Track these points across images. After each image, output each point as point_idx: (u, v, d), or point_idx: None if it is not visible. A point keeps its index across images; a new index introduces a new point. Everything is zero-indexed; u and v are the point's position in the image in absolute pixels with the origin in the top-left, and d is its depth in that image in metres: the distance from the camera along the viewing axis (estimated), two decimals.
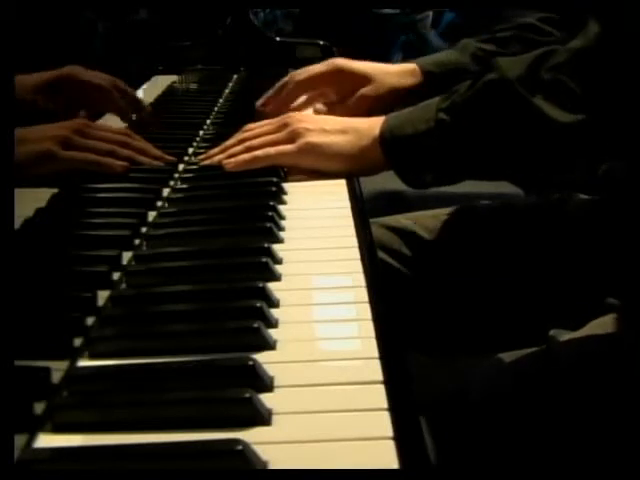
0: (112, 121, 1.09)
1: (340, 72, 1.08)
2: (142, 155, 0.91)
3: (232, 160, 0.89)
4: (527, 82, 0.78)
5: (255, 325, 0.54)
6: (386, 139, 0.86)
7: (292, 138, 0.89)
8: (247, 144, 0.91)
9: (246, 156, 0.89)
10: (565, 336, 0.87)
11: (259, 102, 1.11)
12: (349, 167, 0.89)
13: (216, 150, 0.94)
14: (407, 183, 0.87)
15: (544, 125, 0.77)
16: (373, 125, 0.88)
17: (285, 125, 0.91)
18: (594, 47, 0.77)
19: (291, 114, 0.95)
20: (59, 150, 0.85)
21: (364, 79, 1.07)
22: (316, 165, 0.90)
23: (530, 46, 1.07)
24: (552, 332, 0.88)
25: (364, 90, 1.06)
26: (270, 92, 1.11)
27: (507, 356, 0.88)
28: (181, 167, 0.93)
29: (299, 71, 1.12)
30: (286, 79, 1.10)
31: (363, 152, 0.88)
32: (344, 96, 1.09)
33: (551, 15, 1.10)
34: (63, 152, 0.85)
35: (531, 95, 0.78)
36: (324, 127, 0.90)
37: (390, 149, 0.86)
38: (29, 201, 0.77)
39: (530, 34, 1.09)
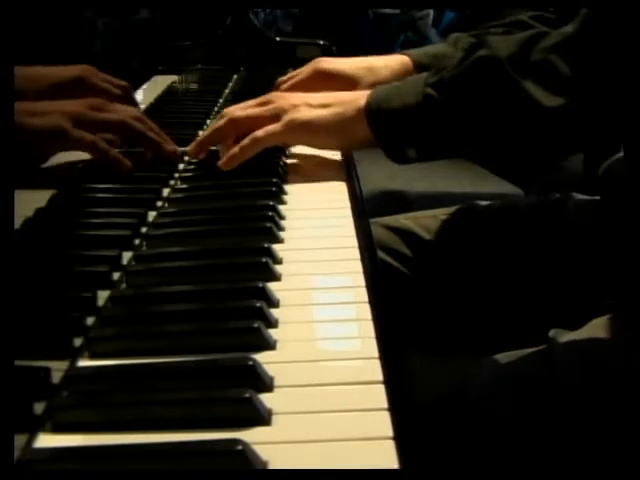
0: None
1: (325, 75, 1.06)
2: (153, 135, 0.90)
3: (225, 160, 0.88)
4: (517, 62, 0.78)
5: (255, 325, 0.54)
6: (372, 111, 0.85)
7: (277, 115, 0.88)
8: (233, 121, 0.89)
9: (235, 151, 0.87)
10: (565, 336, 0.87)
11: None
12: (336, 141, 0.89)
13: (205, 135, 0.93)
14: (390, 157, 0.86)
15: (530, 107, 0.77)
16: (358, 97, 0.87)
17: (268, 102, 0.90)
18: (585, 30, 0.77)
19: (274, 93, 0.94)
20: (70, 128, 0.83)
21: (351, 79, 1.05)
22: (304, 141, 0.90)
23: None
24: (552, 332, 0.88)
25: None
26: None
27: (507, 356, 0.88)
28: (181, 167, 0.93)
29: (284, 78, 1.10)
30: (274, 89, 1.08)
31: (349, 124, 0.87)
32: None
33: (543, 13, 1.09)
34: (74, 131, 0.83)
35: (520, 76, 0.77)
36: (309, 102, 0.89)
37: (375, 121, 0.85)
38: (29, 201, 0.77)
39: (519, 30, 1.08)
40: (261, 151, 0.88)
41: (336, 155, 0.94)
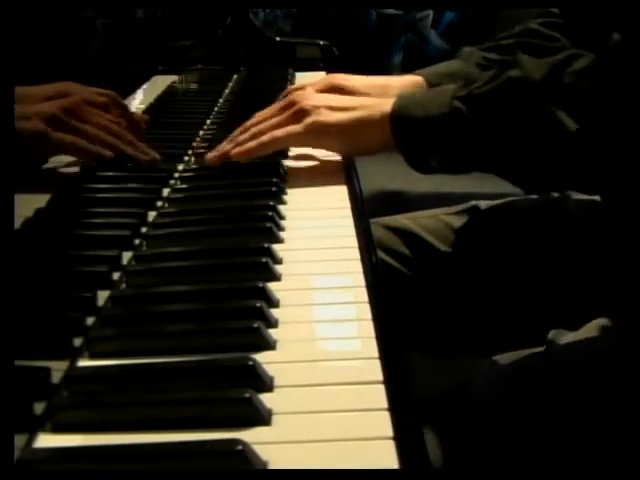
0: None
1: (339, 91, 1.03)
2: (128, 145, 0.89)
3: (237, 150, 0.87)
4: (548, 86, 0.77)
5: (255, 325, 0.54)
6: (397, 117, 0.84)
7: (298, 117, 0.87)
8: (253, 130, 0.89)
9: (252, 144, 0.87)
10: (565, 337, 0.87)
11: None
12: (355, 145, 0.88)
13: (224, 143, 0.92)
14: (411, 165, 0.86)
15: (556, 131, 0.76)
16: (383, 102, 0.86)
17: (292, 104, 0.89)
18: (616, 56, 0.77)
19: (299, 92, 0.93)
20: (50, 131, 0.83)
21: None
22: (323, 144, 0.89)
23: (535, 52, 1.06)
24: (552, 333, 0.88)
25: None
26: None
27: (507, 357, 0.88)
28: (181, 167, 0.93)
29: (298, 86, 1.10)
30: (285, 93, 1.07)
31: (370, 129, 0.86)
32: None
33: (552, 19, 1.08)
34: (54, 134, 0.83)
35: (550, 100, 0.76)
36: (331, 104, 0.88)
37: (399, 128, 0.84)
38: (29, 201, 0.77)
39: (535, 40, 1.08)
40: None
41: (336, 155, 0.94)
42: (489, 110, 0.80)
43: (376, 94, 1.02)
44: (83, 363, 0.53)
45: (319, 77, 1.38)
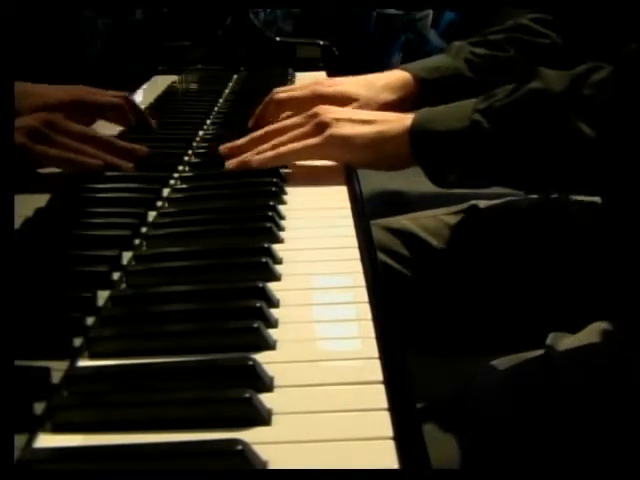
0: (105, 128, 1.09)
1: (321, 98, 1.03)
2: (109, 151, 0.89)
3: (257, 158, 0.88)
4: (569, 98, 0.77)
5: (255, 325, 0.54)
6: (417, 131, 0.84)
7: (319, 130, 0.87)
8: (274, 142, 0.89)
9: (271, 154, 0.88)
10: (564, 339, 0.87)
11: (250, 122, 1.06)
12: (374, 158, 0.87)
13: (242, 142, 0.92)
14: (431, 179, 0.85)
15: (578, 144, 0.76)
16: (404, 117, 0.86)
17: (313, 116, 0.89)
18: (633, 66, 0.76)
19: (321, 105, 0.93)
20: (32, 144, 0.82)
21: (347, 101, 1.02)
22: (342, 156, 0.89)
23: (524, 48, 1.06)
24: (551, 335, 0.88)
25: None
26: (257, 111, 1.07)
27: (506, 360, 0.88)
28: (181, 167, 0.93)
29: (281, 89, 1.09)
30: (268, 98, 1.07)
31: (390, 143, 0.85)
32: None
33: (544, 16, 1.08)
34: (36, 146, 0.83)
35: (571, 112, 0.76)
36: (351, 117, 0.88)
37: (419, 142, 0.84)
38: (29, 201, 0.77)
39: (523, 35, 1.07)
40: None
41: None
42: (510, 123, 0.79)
43: (360, 93, 1.03)
44: (83, 363, 0.53)
45: (320, 77, 1.38)
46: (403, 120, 0.85)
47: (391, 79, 1.06)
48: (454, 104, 0.84)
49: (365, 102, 1.02)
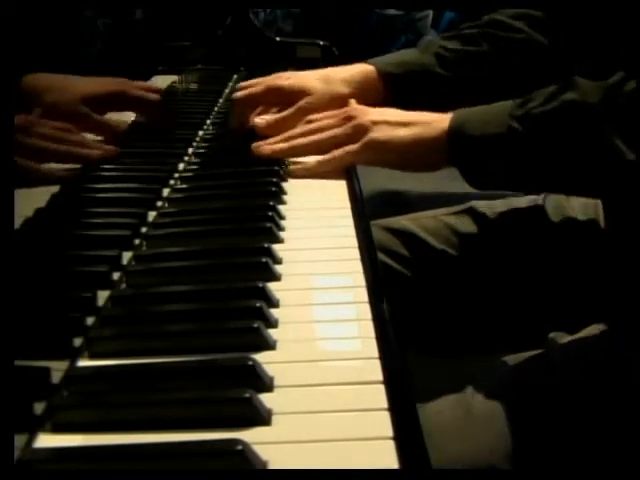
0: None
1: (277, 91, 1.04)
2: (82, 148, 0.90)
3: (299, 167, 0.90)
4: (605, 110, 0.77)
5: (255, 325, 0.54)
6: (454, 135, 0.84)
7: (357, 133, 0.88)
8: (315, 141, 0.91)
9: (312, 163, 0.90)
10: (564, 339, 0.87)
11: (231, 125, 1.07)
12: (412, 161, 0.88)
13: (279, 138, 0.93)
14: (468, 181, 0.85)
15: (612, 157, 0.76)
16: (441, 119, 0.86)
17: (349, 118, 0.90)
18: None
19: (355, 106, 0.93)
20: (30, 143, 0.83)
21: (302, 94, 1.02)
22: (381, 160, 0.89)
23: (499, 43, 1.06)
24: (551, 335, 0.88)
25: (301, 103, 1.01)
26: (230, 115, 1.08)
27: (506, 359, 0.88)
28: (181, 167, 0.93)
29: (238, 86, 1.09)
30: (236, 94, 1.07)
31: (428, 145, 0.85)
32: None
33: (529, 12, 1.07)
34: (20, 160, 0.83)
35: (606, 125, 0.76)
36: (388, 119, 0.88)
37: (456, 145, 0.84)
38: (29, 201, 0.77)
39: (497, 31, 1.06)
40: None
41: None
42: (546, 132, 0.79)
43: (316, 86, 1.02)
44: (83, 363, 0.53)
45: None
46: (439, 122, 0.85)
47: (351, 72, 1.05)
48: (490, 106, 0.84)
49: (320, 95, 1.02)
